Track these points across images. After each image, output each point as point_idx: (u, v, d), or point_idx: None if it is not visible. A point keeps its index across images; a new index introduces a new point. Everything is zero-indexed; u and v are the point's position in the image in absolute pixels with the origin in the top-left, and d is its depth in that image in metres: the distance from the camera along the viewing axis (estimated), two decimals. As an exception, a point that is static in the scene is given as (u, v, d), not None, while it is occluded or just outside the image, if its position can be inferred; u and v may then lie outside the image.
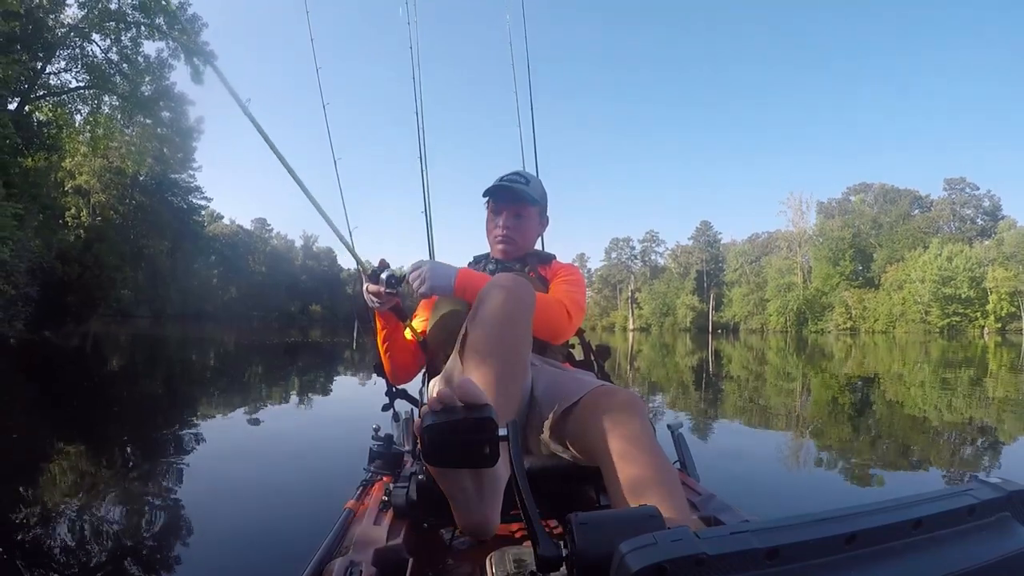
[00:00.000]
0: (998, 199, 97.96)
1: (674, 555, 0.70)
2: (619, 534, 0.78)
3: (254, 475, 4.71)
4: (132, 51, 28.05)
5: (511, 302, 1.82)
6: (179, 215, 71.63)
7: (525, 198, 2.65)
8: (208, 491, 4.29)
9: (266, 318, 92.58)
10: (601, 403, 1.79)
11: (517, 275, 2.00)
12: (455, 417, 1.20)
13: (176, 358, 18.92)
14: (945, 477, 5.21)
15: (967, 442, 6.72)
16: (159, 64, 28.78)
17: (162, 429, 6.50)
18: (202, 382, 12.29)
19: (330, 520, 2.38)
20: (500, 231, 2.66)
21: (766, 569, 0.73)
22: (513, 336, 1.79)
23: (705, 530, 0.76)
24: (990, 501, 0.90)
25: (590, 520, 0.93)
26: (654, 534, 0.75)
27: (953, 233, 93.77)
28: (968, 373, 16.10)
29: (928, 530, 0.83)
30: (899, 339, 56.09)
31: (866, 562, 0.77)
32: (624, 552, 0.73)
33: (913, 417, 8.65)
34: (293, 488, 4.37)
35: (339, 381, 13.82)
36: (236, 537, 3.39)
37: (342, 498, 2.67)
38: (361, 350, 22.50)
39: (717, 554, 0.71)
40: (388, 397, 2.69)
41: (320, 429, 6.56)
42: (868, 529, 0.78)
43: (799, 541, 0.75)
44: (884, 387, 13.10)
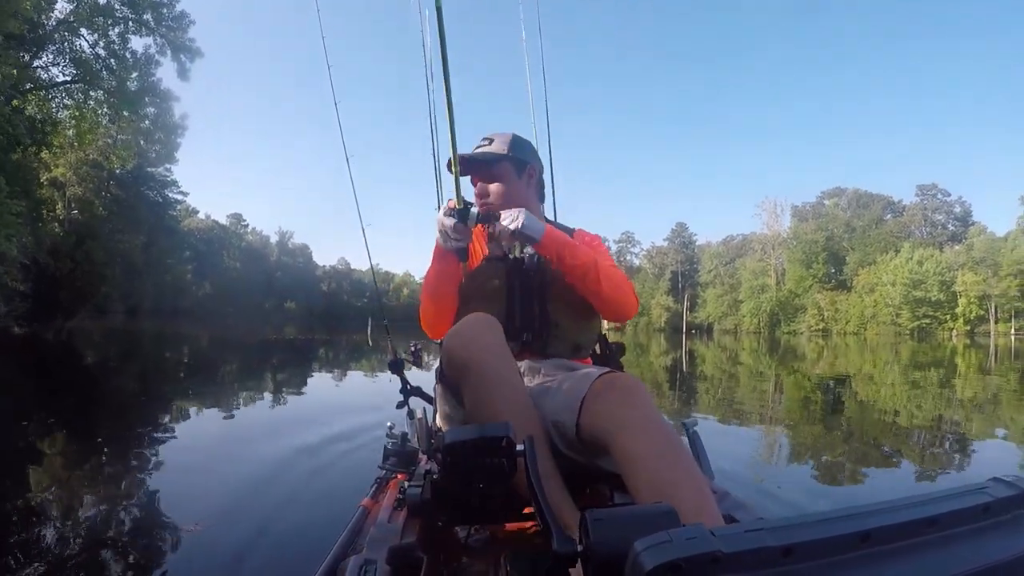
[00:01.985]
0: (969, 205, 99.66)
1: (689, 553, 0.70)
2: (634, 531, 0.78)
3: (269, 473, 4.63)
4: (119, 46, 28.14)
5: (482, 355, 1.82)
6: (155, 209, 70.59)
7: (487, 159, 2.49)
8: (222, 488, 4.27)
9: (240, 315, 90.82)
10: (605, 393, 1.82)
11: (473, 323, 1.93)
12: (474, 435, 1.25)
13: (174, 357, 18.69)
14: (952, 474, 5.39)
15: (936, 438, 6.96)
16: (146, 60, 28.87)
17: (171, 430, 6.48)
18: (211, 381, 12.13)
19: (345, 518, 2.45)
20: (477, 200, 2.49)
21: (781, 567, 0.73)
22: (501, 383, 1.80)
23: (720, 528, 0.77)
24: (1006, 499, 0.89)
25: (605, 517, 0.95)
26: (669, 531, 0.75)
27: (924, 238, 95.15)
28: (937, 374, 16.47)
29: (943, 528, 0.83)
30: (870, 341, 56.55)
31: (881, 560, 0.77)
32: (639, 550, 0.73)
33: (883, 413, 8.89)
34: (308, 486, 4.35)
35: (352, 378, 13.68)
36: (252, 534, 3.34)
37: (357, 496, 2.73)
38: (377, 349, 22.20)
39: (732, 552, 0.72)
40: (403, 394, 2.63)
41: (334, 426, 6.42)
42: (883, 527, 0.79)
43: (814, 539, 0.75)
44: (857, 387, 13.37)
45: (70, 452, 5.52)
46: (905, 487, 5.00)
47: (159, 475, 4.68)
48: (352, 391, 10.51)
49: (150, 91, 29.65)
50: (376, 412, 6.76)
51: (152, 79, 29.64)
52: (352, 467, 4.60)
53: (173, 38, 29.19)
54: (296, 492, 4.16)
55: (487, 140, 2.56)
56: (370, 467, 2.95)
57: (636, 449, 1.65)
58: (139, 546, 3.22)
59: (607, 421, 1.74)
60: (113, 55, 28.18)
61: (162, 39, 29.15)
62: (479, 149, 2.52)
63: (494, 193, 2.47)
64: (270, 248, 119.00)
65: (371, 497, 2.62)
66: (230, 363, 17.10)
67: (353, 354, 22.28)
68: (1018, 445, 6.75)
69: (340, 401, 8.67)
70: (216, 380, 12.26)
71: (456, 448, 1.24)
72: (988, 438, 7.32)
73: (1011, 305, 77.78)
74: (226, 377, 12.87)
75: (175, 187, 76.24)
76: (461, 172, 2.39)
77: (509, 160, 2.50)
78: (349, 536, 2.23)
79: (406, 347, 2.91)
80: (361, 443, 5.41)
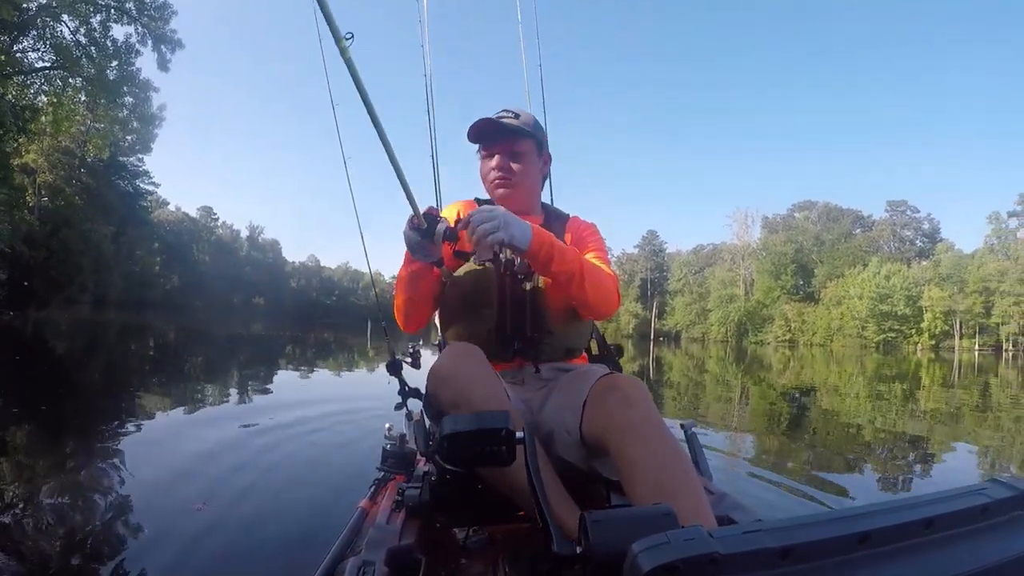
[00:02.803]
0: (937, 222, 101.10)
1: (687, 554, 0.71)
2: (633, 533, 0.79)
3: (267, 475, 4.57)
4: (100, 34, 27.93)
5: (468, 384, 1.82)
6: (125, 199, 70.15)
7: (517, 131, 2.38)
8: (220, 490, 4.13)
9: (208, 309, 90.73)
10: (606, 395, 1.82)
11: (455, 358, 1.93)
12: (473, 426, 1.24)
13: (145, 351, 18.55)
14: (949, 475, 5.50)
15: (906, 444, 7.18)
16: (126, 49, 28.67)
17: (163, 430, 6.24)
18: (187, 377, 11.85)
19: (343, 519, 2.48)
20: (496, 173, 2.38)
21: (779, 568, 0.74)
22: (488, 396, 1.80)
23: (718, 529, 0.78)
24: (1003, 500, 0.91)
25: (604, 518, 0.96)
26: (667, 533, 0.76)
27: (892, 253, 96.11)
28: (905, 386, 16.66)
29: (941, 530, 0.84)
30: (836, 352, 56.92)
31: (879, 562, 0.79)
32: (637, 551, 0.74)
33: (841, 422, 9.01)
34: (306, 487, 4.29)
35: (349, 377, 13.76)
36: (250, 536, 3.32)
37: (355, 497, 2.75)
38: (378, 352, 22.09)
39: (730, 553, 0.72)
40: (401, 396, 2.51)
41: (333, 428, 6.36)
42: (881, 528, 0.80)
43: (812, 540, 0.76)
44: (835, 396, 13.47)
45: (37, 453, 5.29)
46: (902, 488, 5.09)
47: (148, 476, 4.46)
48: (339, 389, 10.42)
49: (129, 80, 29.43)
50: (373, 411, 6.83)
51: (131, 68, 29.45)
52: (350, 468, 4.58)
53: (154, 28, 29.00)
54: (294, 493, 4.14)
55: (511, 113, 2.44)
56: (368, 468, 2.95)
57: (635, 454, 1.67)
58: (131, 544, 3.16)
59: (608, 424, 1.76)
60: (93, 43, 27.96)
61: (143, 28, 28.96)
62: (502, 119, 2.39)
63: (516, 172, 2.38)
64: (240, 243, 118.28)
65: (369, 498, 2.63)
66: (213, 359, 16.94)
67: (322, 352, 22.28)
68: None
69: (335, 399, 8.56)
70: (195, 376, 12.12)
71: (455, 438, 1.23)
72: (964, 441, 7.54)
73: (975, 321, 78.68)
74: (208, 374, 12.69)
75: (147, 177, 75.88)
76: (482, 139, 2.42)
77: (534, 139, 2.44)
78: (347, 537, 2.26)
79: (403, 348, 2.80)
80: (360, 443, 5.40)
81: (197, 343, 22.56)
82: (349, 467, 4.66)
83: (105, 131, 31.15)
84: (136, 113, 31.11)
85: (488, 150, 2.43)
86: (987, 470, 6.19)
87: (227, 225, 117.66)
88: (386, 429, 2.83)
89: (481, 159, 2.47)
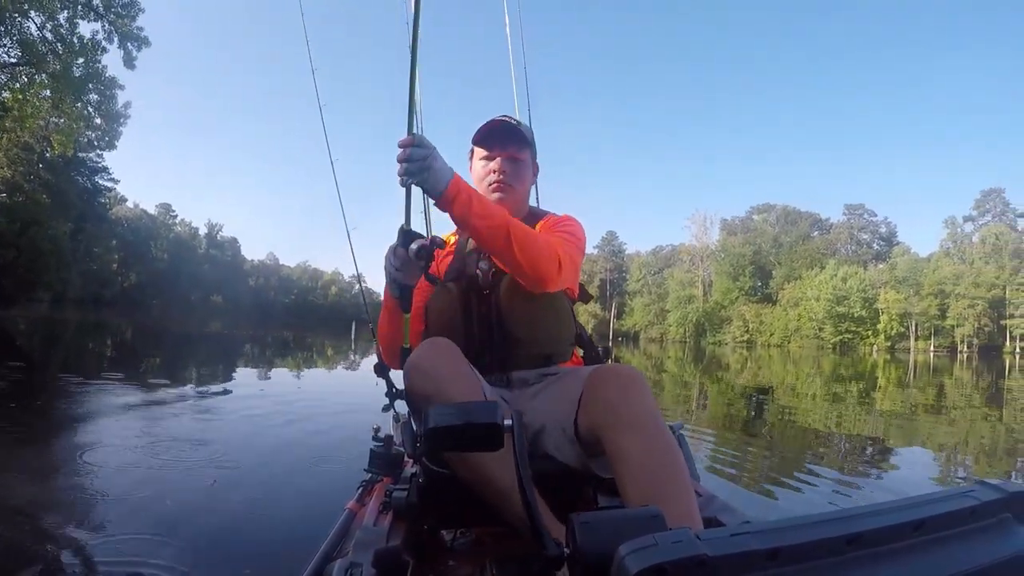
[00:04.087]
0: (894, 226, 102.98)
1: (674, 556, 0.71)
2: (621, 534, 0.79)
3: (253, 476, 4.57)
4: (67, 30, 27.63)
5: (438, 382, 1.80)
6: (84, 196, 69.02)
7: (523, 140, 2.37)
8: (206, 491, 4.13)
9: (166, 307, 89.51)
10: (604, 385, 1.80)
11: (428, 352, 1.88)
12: (459, 421, 1.21)
13: (126, 349, 18.60)
14: (943, 479, 5.59)
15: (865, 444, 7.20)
16: (92, 46, 28.36)
17: (146, 431, 6.04)
18: (162, 377, 11.62)
19: (331, 521, 2.45)
20: (496, 176, 2.34)
21: (767, 570, 0.74)
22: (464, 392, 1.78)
23: (706, 531, 0.77)
24: (992, 503, 0.90)
25: (591, 520, 0.95)
26: (655, 535, 0.76)
27: (849, 256, 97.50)
28: (858, 386, 17.05)
29: (929, 532, 0.84)
30: (793, 353, 57.54)
31: (867, 564, 0.79)
32: (624, 554, 0.74)
33: (811, 422, 8.98)
34: (293, 489, 4.29)
35: (336, 378, 13.76)
36: (237, 538, 3.33)
37: (343, 499, 2.73)
38: (361, 351, 21.99)
39: (718, 555, 0.72)
40: (388, 398, 2.48)
41: (320, 429, 6.38)
42: (869, 531, 0.80)
43: (800, 543, 0.76)
44: (787, 396, 13.79)
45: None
46: (892, 489, 5.19)
47: (136, 478, 4.39)
48: (339, 396, 10.18)
49: (95, 77, 29.12)
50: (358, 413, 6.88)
51: (97, 65, 29.15)
52: (338, 470, 4.59)
53: (121, 25, 28.69)
54: (281, 495, 4.14)
55: (513, 120, 2.41)
56: (356, 470, 2.94)
57: (631, 448, 1.67)
58: (117, 545, 3.13)
59: (605, 414, 1.75)
60: (60, 39, 27.67)
61: (110, 25, 28.68)
62: (505, 122, 2.37)
63: (514, 175, 2.36)
64: (198, 240, 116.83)
65: (357, 500, 2.62)
66: (177, 358, 16.79)
67: (285, 351, 22.20)
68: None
69: (328, 406, 8.45)
70: (160, 374, 12.08)
71: (440, 433, 1.21)
72: (924, 443, 7.78)
73: (931, 323, 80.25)
74: (172, 373, 12.61)
75: (106, 174, 74.58)
76: (488, 140, 2.37)
77: (531, 150, 2.47)
78: (335, 539, 2.24)
79: None
80: (348, 445, 5.37)
81: (155, 342, 22.51)
82: (336, 469, 4.69)
83: (69, 128, 30.75)
84: (101, 110, 30.72)
85: (491, 152, 2.37)
86: (950, 456, 6.51)
87: (185, 223, 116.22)
88: (373, 431, 2.80)
89: (477, 159, 2.41)
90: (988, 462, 6.83)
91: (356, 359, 19.62)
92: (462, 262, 2.38)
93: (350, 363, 18.62)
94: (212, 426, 6.46)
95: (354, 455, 4.69)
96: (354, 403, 8.30)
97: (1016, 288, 76.82)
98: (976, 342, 77.86)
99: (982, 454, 7.31)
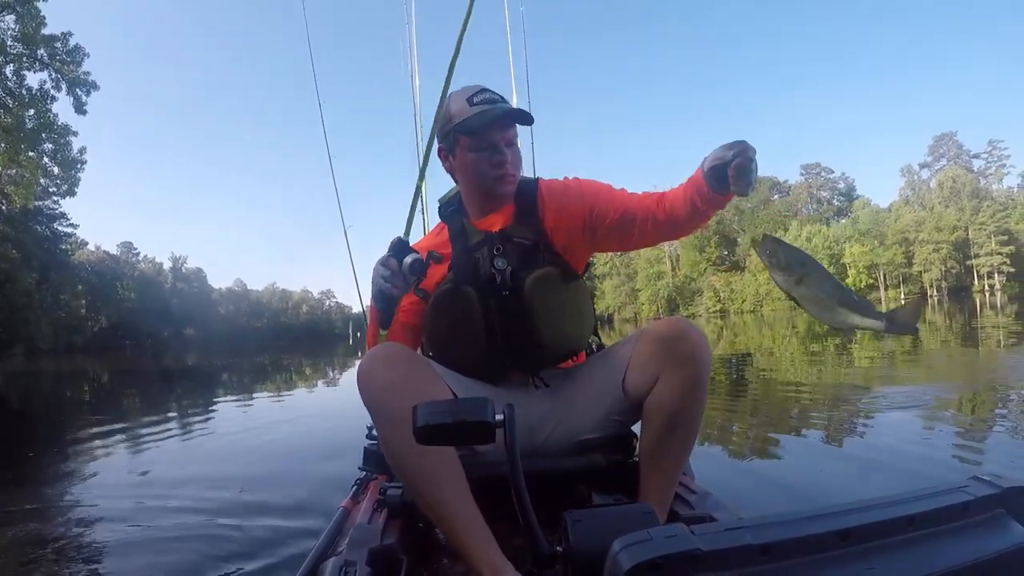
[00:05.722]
0: (852, 181, 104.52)
1: (668, 551, 0.71)
2: (614, 531, 0.79)
3: (247, 476, 4.60)
4: (15, 83, 27.53)
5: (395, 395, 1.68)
6: (45, 244, 68.69)
7: (521, 118, 2.14)
8: (200, 491, 4.19)
9: (139, 346, 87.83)
10: (671, 344, 1.83)
11: (371, 362, 1.77)
12: (449, 419, 1.18)
13: (119, 388, 18.53)
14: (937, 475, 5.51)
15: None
16: (41, 96, 28.26)
17: (145, 441, 6.38)
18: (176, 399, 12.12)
19: (325, 519, 2.44)
20: (503, 170, 2.09)
21: (760, 565, 0.74)
22: (390, 423, 1.69)
23: (699, 526, 0.78)
24: (985, 498, 0.90)
25: (585, 517, 0.99)
26: (649, 530, 0.76)
27: (812, 215, 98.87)
28: (834, 344, 16.95)
29: (923, 527, 0.84)
30: (767, 317, 57.89)
31: (860, 559, 0.79)
32: (617, 549, 0.74)
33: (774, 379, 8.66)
34: (287, 487, 4.26)
35: (331, 380, 13.88)
36: (231, 537, 3.30)
37: (337, 497, 2.70)
38: (360, 348, 21.99)
39: (711, 550, 0.72)
40: None
41: (313, 428, 6.44)
42: (862, 526, 0.80)
43: (793, 537, 0.76)
44: (759, 360, 13.77)
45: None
46: (886, 484, 4.94)
47: (135, 481, 4.59)
48: (333, 396, 10.52)
49: (47, 127, 28.98)
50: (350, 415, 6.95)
51: (49, 115, 29.03)
52: (332, 468, 4.54)
53: (67, 72, 28.63)
54: (275, 493, 4.13)
55: (498, 96, 2.17)
56: (350, 468, 2.91)
57: (670, 406, 1.78)
58: (112, 548, 3.22)
59: (669, 381, 1.79)
60: (9, 92, 27.58)
61: (57, 73, 28.64)
62: (496, 103, 2.12)
63: (516, 161, 2.16)
64: (164, 275, 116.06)
65: (351, 498, 2.56)
66: (159, 392, 16.67)
67: (259, 376, 21.63)
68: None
69: (322, 406, 8.67)
70: (142, 406, 12.18)
71: (429, 431, 1.19)
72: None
73: (898, 272, 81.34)
74: (155, 405, 12.63)
75: (64, 219, 74.06)
76: (492, 131, 2.07)
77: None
78: (329, 537, 2.20)
79: None
80: (342, 444, 5.19)
81: (132, 382, 21.76)
82: (331, 467, 4.67)
83: (28, 180, 30.56)
84: (57, 159, 30.59)
85: (491, 142, 2.09)
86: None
87: (149, 259, 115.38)
88: (367, 429, 2.74)
89: (469, 151, 2.11)
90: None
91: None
92: (472, 258, 2.12)
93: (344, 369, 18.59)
94: (198, 442, 6.50)
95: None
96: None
97: (978, 228, 78.10)
98: (945, 285, 79.09)
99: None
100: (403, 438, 1.47)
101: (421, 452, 1.57)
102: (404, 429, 1.39)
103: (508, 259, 2.08)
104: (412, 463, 1.67)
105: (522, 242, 2.10)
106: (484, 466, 1.87)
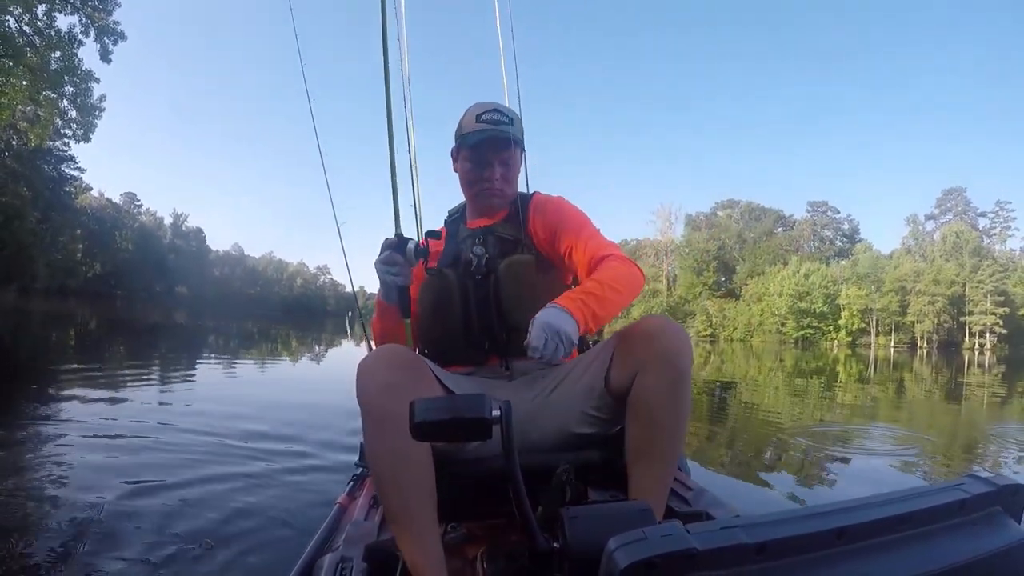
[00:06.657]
0: (857, 223, 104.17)
1: (664, 550, 0.71)
2: (610, 529, 0.79)
3: (243, 470, 4.42)
4: (45, 23, 27.50)
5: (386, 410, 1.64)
6: (50, 184, 68.48)
7: (516, 143, 2.29)
8: (194, 486, 4.01)
9: (130, 297, 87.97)
10: (650, 339, 1.80)
11: (369, 364, 1.73)
12: (446, 416, 1.16)
13: (113, 340, 18.52)
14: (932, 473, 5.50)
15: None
16: (69, 39, 28.21)
17: (135, 430, 5.68)
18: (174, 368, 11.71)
19: (321, 515, 2.42)
20: (495, 184, 2.28)
21: (756, 564, 0.74)
22: (382, 427, 1.66)
23: (695, 525, 0.77)
24: (981, 496, 0.90)
25: (581, 515, 0.99)
26: (644, 529, 0.76)
27: (812, 252, 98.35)
28: (818, 381, 17.17)
29: (919, 525, 0.84)
30: (756, 348, 57.43)
31: (856, 557, 0.79)
32: (613, 547, 0.74)
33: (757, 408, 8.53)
34: (283, 484, 4.16)
35: (326, 372, 13.68)
36: (226, 533, 3.21)
37: (333, 493, 2.70)
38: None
39: (707, 549, 0.72)
40: None
41: (310, 423, 6.24)
42: (858, 524, 0.80)
43: (789, 536, 0.76)
44: (742, 390, 13.88)
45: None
46: (883, 482, 5.07)
47: (125, 471, 4.24)
48: (329, 390, 9.93)
49: (71, 71, 28.92)
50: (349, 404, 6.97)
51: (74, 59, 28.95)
52: (329, 465, 4.53)
53: (97, 19, 28.56)
54: (270, 490, 4.04)
55: (507, 117, 2.29)
56: (347, 464, 2.92)
57: (652, 400, 1.76)
58: (105, 543, 3.05)
59: (645, 374, 1.78)
60: (38, 32, 27.53)
61: (87, 19, 28.57)
62: (499, 127, 2.24)
63: (507, 179, 2.32)
64: (163, 230, 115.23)
65: (348, 494, 2.55)
66: (159, 351, 16.48)
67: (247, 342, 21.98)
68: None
69: (318, 400, 8.39)
70: (154, 363, 12.15)
71: (425, 427, 1.17)
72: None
73: (891, 319, 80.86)
74: (165, 362, 12.60)
75: (72, 162, 73.51)
76: (483, 150, 2.25)
77: (520, 145, 2.37)
78: (325, 534, 2.18)
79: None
80: (338, 440, 5.32)
81: (123, 332, 22.32)
82: (327, 463, 4.63)
83: (46, 121, 30.47)
84: (77, 103, 30.49)
85: (482, 159, 2.28)
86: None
87: (151, 212, 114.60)
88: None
89: (465, 161, 2.31)
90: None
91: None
92: (456, 248, 2.34)
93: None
94: (190, 419, 6.24)
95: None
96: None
97: (975, 286, 77.93)
98: (936, 338, 78.77)
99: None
100: (386, 441, 1.62)
101: (398, 460, 1.63)
102: (391, 432, 1.59)
103: (487, 248, 2.26)
104: (387, 465, 1.66)
105: (504, 236, 2.28)
106: (476, 462, 1.91)
